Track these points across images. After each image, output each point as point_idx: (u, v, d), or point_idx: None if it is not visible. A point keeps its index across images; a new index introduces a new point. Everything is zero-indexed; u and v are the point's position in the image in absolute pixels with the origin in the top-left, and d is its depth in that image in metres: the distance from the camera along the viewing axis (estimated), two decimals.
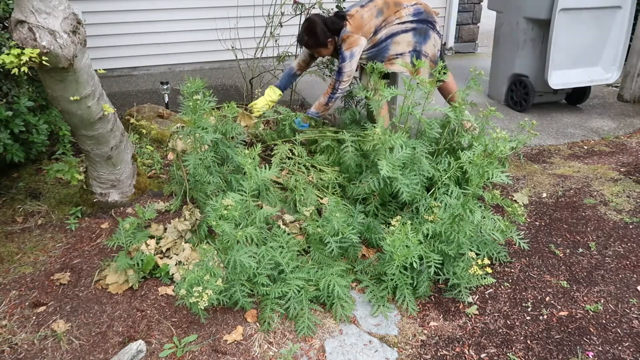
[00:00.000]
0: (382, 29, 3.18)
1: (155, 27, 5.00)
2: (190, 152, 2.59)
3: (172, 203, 2.76)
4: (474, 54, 6.71)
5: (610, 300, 2.26)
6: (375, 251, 2.57)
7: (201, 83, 2.49)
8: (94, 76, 2.34)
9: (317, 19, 3.14)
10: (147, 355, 1.95)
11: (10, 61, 1.89)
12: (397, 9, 3.19)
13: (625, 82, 4.81)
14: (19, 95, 2.69)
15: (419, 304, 2.28)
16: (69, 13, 2.09)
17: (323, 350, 2.02)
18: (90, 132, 2.44)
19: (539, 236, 2.73)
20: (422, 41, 3.24)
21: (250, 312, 2.16)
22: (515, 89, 4.56)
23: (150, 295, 2.24)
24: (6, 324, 2.06)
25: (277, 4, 3.75)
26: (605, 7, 4.12)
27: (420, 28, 3.21)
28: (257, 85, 3.88)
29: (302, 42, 3.24)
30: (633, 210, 2.91)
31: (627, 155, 3.67)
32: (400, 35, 3.19)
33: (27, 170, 3.15)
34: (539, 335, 2.09)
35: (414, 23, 3.20)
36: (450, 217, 2.22)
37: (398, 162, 2.38)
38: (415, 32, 3.20)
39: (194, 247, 2.43)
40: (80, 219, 2.73)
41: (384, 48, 3.21)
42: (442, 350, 2.04)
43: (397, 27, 3.18)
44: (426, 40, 3.24)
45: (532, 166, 3.51)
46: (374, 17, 3.16)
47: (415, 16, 3.20)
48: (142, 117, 3.56)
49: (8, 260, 2.43)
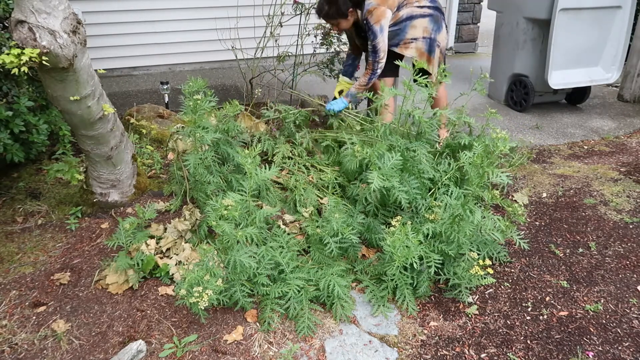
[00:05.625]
0: (403, 7, 3.13)
1: (155, 27, 5.00)
2: (190, 151, 2.59)
3: (172, 203, 2.76)
4: (474, 54, 6.71)
5: (610, 300, 2.26)
6: (375, 251, 2.57)
7: (203, 83, 2.49)
8: (94, 76, 2.34)
9: None
10: (147, 355, 1.95)
11: (10, 61, 1.89)
12: None
13: (625, 82, 4.81)
14: (19, 95, 2.69)
15: (419, 304, 2.28)
16: (69, 13, 2.09)
17: (323, 350, 2.02)
18: (90, 132, 2.44)
19: (539, 236, 2.73)
20: (437, 29, 3.21)
21: (250, 312, 2.16)
22: (515, 88, 4.56)
23: (150, 295, 2.24)
24: (6, 324, 2.06)
25: (277, 4, 3.74)
26: (605, 7, 4.12)
27: (436, 16, 3.19)
28: (257, 85, 3.88)
29: (322, 12, 3.10)
30: (633, 210, 2.91)
31: (627, 155, 3.67)
32: (418, 20, 3.15)
33: (27, 170, 3.15)
34: (539, 335, 2.09)
35: (431, 9, 3.17)
36: (451, 217, 2.22)
37: (391, 172, 2.33)
38: (431, 18, 3.17)
39: (194, 247, 2.43)
40: (80, 219, 2.73)
41: (402, 29, 3.16)
42: (442, 350, 2.04)
43: (416, 9, 3.14)
44: (440, 29, 3.22)
45: (532, 166, 3.51)
46: None
47: (432, 2, 3.19)
48: (142, 117, 3.56)
49: (8, 260, 2.43)
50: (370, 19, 3.01)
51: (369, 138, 2.89)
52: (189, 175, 2.68)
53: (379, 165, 2.34)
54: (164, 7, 4.94)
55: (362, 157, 2.40)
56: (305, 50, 4.06)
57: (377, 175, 2.27)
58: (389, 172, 2.33)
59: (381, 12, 3.01)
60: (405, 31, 3.15)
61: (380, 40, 3.03)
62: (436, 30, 3.19)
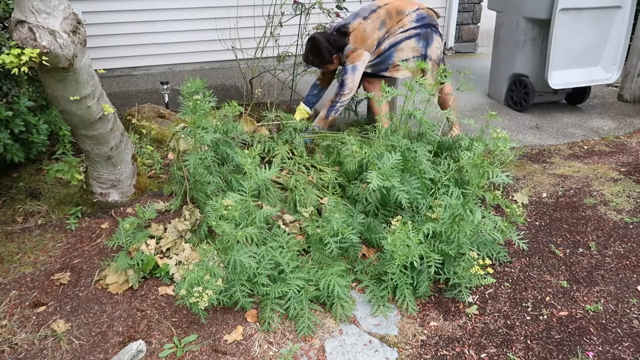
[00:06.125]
0: (385, 40, 3.21)
1: (155, 27, 5.00)
2: (190, 152, 2.59)
3: (172, 203, 2.76)
4: (474, 54, 6.71)
5: (610, 300, 2.26)
6: (375, 251, 2.57)
7: (201, 83, 2.49)
8: (94, 76, 2.34)
9: (320, 37, 3.20)
10: (147, 355, 1.95)
11: (10, 61, 1.89)
12: (399, 18, 3.20)
13: (625, 82, 4.81)
14: (19, 95, 2.69)
15: (419, 304, 2.28)
16: (69, 13, 2.09)
17: (323, 350, 2.02)
18: (90, 132, 2.44)
19: (539, 236, 2.73)
20: (427, 44, 3.26)
21: (250, 312, 2.16)
22: (515, 88, 4.56)
23: (150, 295, 2.24)
24: (6, 324, 2.06)
25: (277, 4, 3.74)
26: (605, 7, 4.12)
27: (423, 33, 3.24)
28: (257, 85, 3.88)
29: (309, 62, 3.31)
30: (633, 210, 2.91)
31: (627, 155, 3.67)
32: (404, 42, 3.22)
33: (27, 170, 3.15)
34: (539, 335, 2.09)
35: (417, 29, 3.22)
36: (451, 217, 2.22)
37: (391, 172, 2.34)
38: (418, 37, 3.23)
39: (194, 247, 2.43)
40: (80, 219, 2.73)
41: (387, 57, 3.23)
42: (442, 350, 2.04)
43: (399, 35, 3.21)
44: (430, 43, 3.26)
45: (532, 166, 3.51)
46: (377, 29, 3.18)
47: (418, 22, 3.22)
48: (142, 117, 3.56)
49: (8, 260, 2.43)
50: (347, 60, 3.20)
51: (369, 138, 2.90)
52: (189, 175, 2.68)
53: (378, 166, 2.34)
54: (164, 7, 4.94)
55: (362, 157, 2.40)
56: None
57: (376, 176, 2.28)
58: (389, 172, 2.33)
59: (357, 55, 3.18)
60: (392, 56, 3.24)
61: (349, 78, 3.19)
62: (426, 46, 3.27)
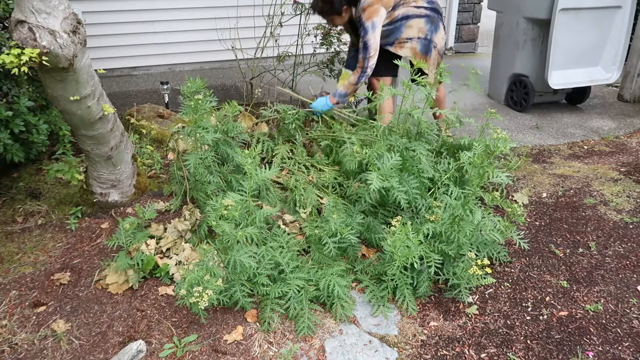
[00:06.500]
0: (400, 6, 3.11)
1: (155, 27, 5.00)
2: (190, 151, 2.59)
3: (172, 203, 2.76)
4: (474, 54, 6.71)
5: (610, 300, 2.26)
6: (375, 251, 2.57)
7: (201, 83, 2.49)
8: (94, 76, 2.34)
9: None
10: (147, 355, 1.95)
11: (10, 61, 1.89)
12: None
13: (625, 82, 4.81)
14: (19, 95, 2.69)
15: (419, 304, 2.28)
16: (69, 13, 2.09)
17: (323, 350, 2.02)
18: (90, 132, 2.44)
19: (539, 236, 2.73)
20: (434, 30, 3.19)
21: (250, 312, 2.16)
22: (515, 88, 4.56)
23: (150, 295, 2.24)
24: (6, 324, 2.06)
25: (277, 4, 3.75)
26: (605, 7, 4.12)
27: (432, 17, 3.18)
28: (257, 85, 3.88)
29: (317, 9, 3.13)
30: (633, 210, 2.91)
31: (627, 155, 3.67)
32: (414, 20, 3.14)
33: (27, 170, 3.15)
34: (539, 335, 2.09)
35: (428, 10, 3.16)
36: (451, 217, 2.22)
37: (390, 172, 2.33)
38: (428, 19, 3.16)
39: (194, 247, 2.43)
40: (80, 219, 2.73)
41: (397, 29, 3.14)
42: (442, 350, 2.04)
43: (412, 9, 3.13)
44: (437, 30, 3.21)
45: (532, 166, 3.51)
46: None
47: (429, 4, 3.18)
48: (142, 117, 3.56)
49: (8, 260, 2.43)
50: (363, 15, 3.01)
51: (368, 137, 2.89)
52: (189, 175, 2.68)
53: (378, 166, 2.34)
54: (164, 7, 4.94)
55: (362, 158, 2.39)
56: (305, 50, 4.06)
57: (376, 176, 2.27)
58: (388, 173, 2.33)
59: (374, 10, 3.00)
60: (400, 30, 3.14)
61: (371, 37, 3.00)
62: (432, 31, 3.18)
